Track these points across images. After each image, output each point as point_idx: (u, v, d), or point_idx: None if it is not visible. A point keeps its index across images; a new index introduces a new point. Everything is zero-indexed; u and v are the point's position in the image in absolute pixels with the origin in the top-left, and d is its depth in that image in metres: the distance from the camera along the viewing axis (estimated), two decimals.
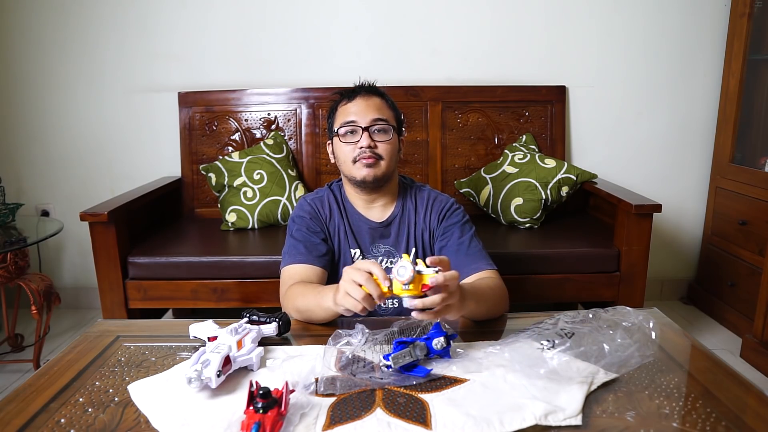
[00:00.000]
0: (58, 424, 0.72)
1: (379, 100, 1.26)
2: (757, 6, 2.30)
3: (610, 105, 2.56)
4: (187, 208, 2.50)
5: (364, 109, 1.23)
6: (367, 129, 1.21)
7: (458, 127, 2.46)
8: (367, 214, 1.29)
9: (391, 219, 1.29)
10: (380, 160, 1.21)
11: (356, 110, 1.23)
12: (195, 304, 1.98)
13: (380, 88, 1.31)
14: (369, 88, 1.29)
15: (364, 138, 1.21)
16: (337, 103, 1.29)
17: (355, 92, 1.27)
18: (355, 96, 1.26)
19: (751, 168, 2.33)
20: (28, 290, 1.97)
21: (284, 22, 2.48)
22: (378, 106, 1.25)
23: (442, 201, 1.30)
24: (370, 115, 1.22)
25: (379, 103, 1.26)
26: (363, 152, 1.20)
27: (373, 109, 1.23)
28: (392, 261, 1.27)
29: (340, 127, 1.24)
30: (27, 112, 2.54)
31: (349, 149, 1.22)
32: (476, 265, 1.19)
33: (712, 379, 0.83)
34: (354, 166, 1.22)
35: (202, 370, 0.76)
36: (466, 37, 2.50)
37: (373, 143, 1.21)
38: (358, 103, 1.24)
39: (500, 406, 0.74)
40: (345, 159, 1.23)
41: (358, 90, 1.28)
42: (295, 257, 1.21)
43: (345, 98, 1.27)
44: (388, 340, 0.91)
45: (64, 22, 2.46)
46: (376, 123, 1.22)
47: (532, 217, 2.21)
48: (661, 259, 2.67)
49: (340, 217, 1.28)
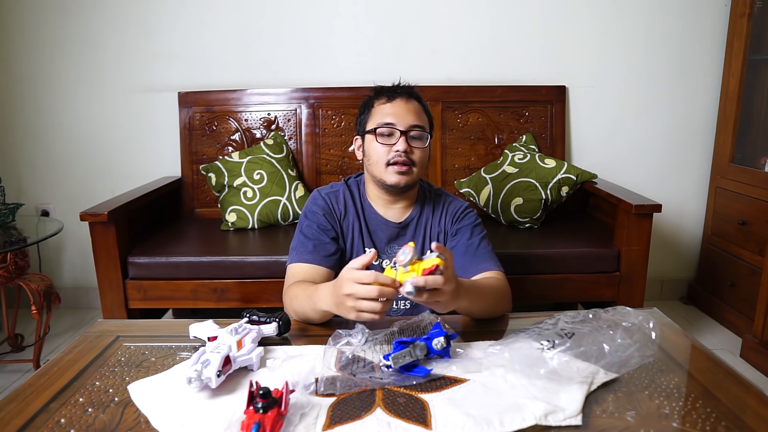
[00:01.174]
0: (58, 424, 0.72)
1: (418, 104, 1.25)
2: (757, 6, 2.30)
3: (610, 105, 2.56)
4: (187, 208, 2.50)
5: (404, 112, 1.21)
6: (406, 133, 1.20)
7: (458, 127, 2.46)
8: (386, 214, 1.28)
9: (408, 221, 1.28)
10: (413, 166, 1.20)
11: (396, 112, 1.21)
12: (195, 304, 1.98)
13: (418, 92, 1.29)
14: (409, 90, 1.27)
15: (401, 142, 1.19)
16: (373, 100, 1.26)
17: (395, 93, 1.24)
18: (396, 97, 1.23)
19: (751, 168, 2.33)
20: (28, 290, 1.97)
21: (284, 22, 2.48)
22: (417, 110, 1.23)
23: (457, 205, 1.31)
24: (409, 119, 1.20)
25: (418, 108, 1.24)
26: (398, 156, 1.18)
27: (413, 113, 1.21)
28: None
29: (378, 126, 1.21)
30: (27, 112, 2.54)
31: (383, 150, 1.20)
32: (483, 266, 1.19)
33: (712, 379, 0.83)
34: (386, 170, 1.20)
35: (202, 370, 0.76)
36: (466, 37, 2.50)
37: (410, 148, 1.20)
38: (398, 104, 1.22)
39: (500, 406, 0.74)
40: (378, 159, 1.21)
41: (398, 91, 1.25)
42: (302, 255, 1.20)
43: (384, 97, 1.25)
44: (388, 340, 0.91)
45: (64, 22, 2.46)
46: (414, 128, 1.20)
47: (532, 217, 2.21)
48: (661, 259, 2.67)
49: (356, 215, 1.27)
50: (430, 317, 0.94)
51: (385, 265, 1.26)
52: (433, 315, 0.95)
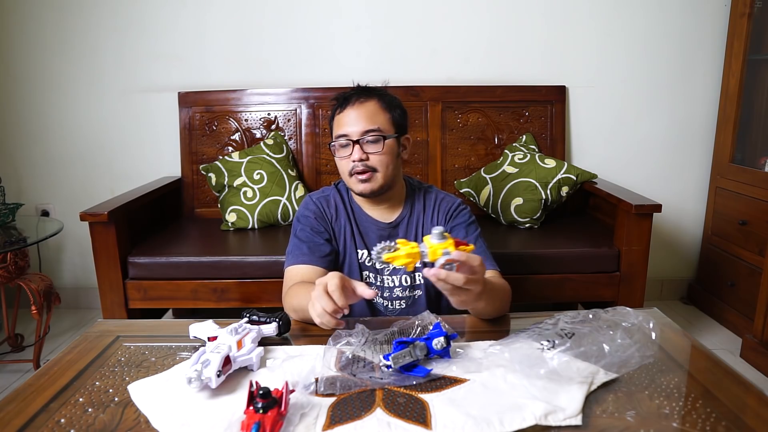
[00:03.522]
0: (58, 424, 0.72)
1: (374, 104, 1.21)
2: (757, 6, 2.30)
3: (610, 105, 2.56)
4: (187, 208, 2.50)
5: (355, 119, 1.19)
6: (358, 142, 1.19)
7: (458, 127, 2.46)
8: (375, 215, 1.28)
9: (399, 220, 1.28)
10: (375, 172, 1.19)
11: (348, 121, 1.20)
12: (195, 304, 1.98)
13: (377, 88, 1.26)
14: (362, 91, 1.23)
15: (356, 151, 1.18)
16: (334, 111, 1.26)
17: (347, 100, 1.22)
18: (347, 105, 1.21)
19: (751, 168, 2.33)
20: (28, 290, 1.97)
21: (284, 22, 2.48)
22: (370, 113, 1.20)
23: (449, 201, 1.30)
24: (360, 125, 1.18)
25: (373, 109, 1.20)
26: (356, 166, 1.18)
27: (364, 118, 1.19)
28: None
29: (333, 141, 1.22)
30: (27, 112, 2.54)
31: (344, 163, 1.21)
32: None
33: (712, 379, 0.83)
34: (351, 180, 1.21)
35: (202, 370, 0.76)
36: (466, 37, 2.50)
37: (366, 156, 1.18)
38: (348, 113, 1.20)
39: (500, 406, 0.74)
40: (342, 171, 1.23)
41: (350, 97, 1.22)
42: (298, 258, 1.20)
43: (338, 106, 1.24)
44: (388, 340, 0.91)
45: (64, 23, 2.46)
46: (366, 134, 1.19)
47: (532, 217, 2.21)
48: (661, 259, 2.67)
49: (347, 217, 1.27)
50: (430, 317, 0.94)
51: (378, 266, 1.26)
52: (433, 315, 0.95)
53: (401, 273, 1.27)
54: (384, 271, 1.27)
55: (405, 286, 1.28)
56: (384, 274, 1.27)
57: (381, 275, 1.27)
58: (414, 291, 1.29)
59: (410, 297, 1.29)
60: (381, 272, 1.27)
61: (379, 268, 1.27)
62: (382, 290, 1.28)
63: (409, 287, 1.28)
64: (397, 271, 1.27)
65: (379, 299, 1.28)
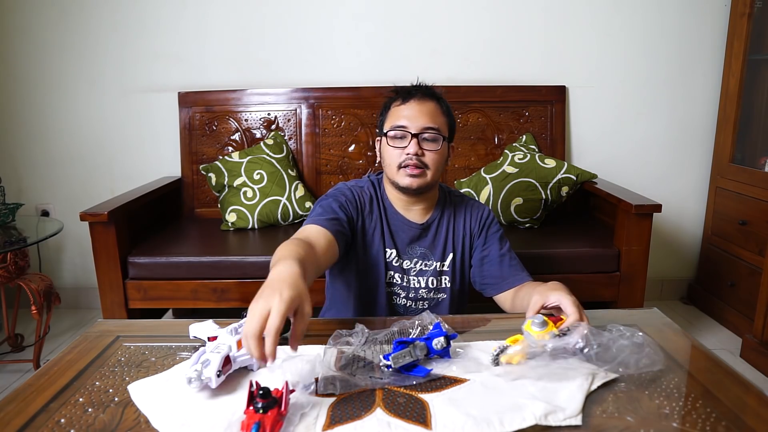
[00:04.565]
0: (58, 424, 0.72)
1: (434, 105, 1.22)
2: (757, 6, 2.30)
3: (609, 105, 2.56)
4: (187, 208, 2.50)
5: (417, 114, 1.19)
6: (417, 136, 1.18)
7: (458, 127, 2.46)
8: (407, 215, 1.27)
9: (430, 221, 1.28)
10: (426, 169, 1.19)
11: (408, 114, 1.19)
12: (195, 304, 1.98)
13: (438, 91, 1.26)
14: (426, 90, 1.24)
15: (413, 145, 1.17)
16: (391, 102, 1.25)
17: (411, 94, 1.22)
18: (410, 98, 1.21)
19: (751, 168, 2.33)
20: (28, 290, 1.97)
21: (284, 22, 2.48)
22: (432, 112, 1.20)
23: (481, 209, 1.31)
24: (422, 121, 1.18)
25: (434, 109, 1.21)
26: (410, 159, 1.18)
27: (426, 115, 1.19)
28: (427, 264, 1.27)
29: (390, 129, 1.20)
30: (27, 112, 2.54)
31: (396, 153, 1.19)
32: (519, 276, 1.23)
33: (712, 379, 0.83)
34: (398, 173, 1.20)
35: (202, 370, 0.76)
36: (466, 37, 2.50)
37: (421, 151, 1.18)
38: (411, 106, 1.20)
39: (500, 406, 0.74)
40: (390, 162, 1.21)
41: (413, 92, 1.23)
42: (314, 219, 1.16)
43: (399, 98, 1.23)
44: (388, 340, 0.91)
45: (64, 23, 2.46)
46: (426, 131, 1.19)
47: (532, 217, 2.21)
48: (661, 259, 2.67)
49: (379, 214, 1.26)
50: (430, 317, 0.94)
51: (405, 266, 1.27)
52: (433, 315, 0.95)
53: (428, 275, 1.27)
54: (411, 271, 1.27)
55: (431, 288, 1.28)
56: (411, 274, 1.27)
57: (407, 275, 1.27)
58: (438, 294, 1.29)
59: (434, 299, 1.29)
60: (408, 272, 1.27)
61: (406, 268, 1.27)
62: (407, 290, 1.28)
63: (434, 289, 1.28)
64: (424, 273, 1.27)
65: (402, 299, 1.28)
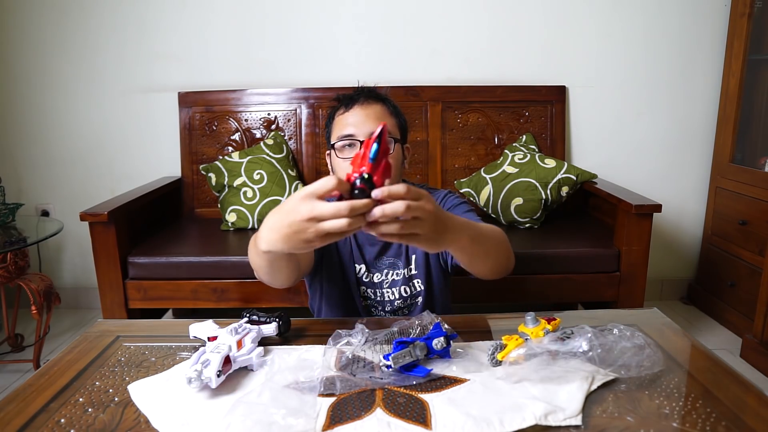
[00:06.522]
0: (58, 424, 0.72)
1: (380, 107, 1.16)
2: (757, 6, 2.30)
3: (609, 105, 2.56)
4: (187, 208, 2.50)
5: (363, 119, 1.12)
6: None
7: (458, 127, 2.46)
8: None
9: None
10: None
11: (354, 121, 1.13)
12: (195, 304, 1.98)
13: (382, 92, 1.20)
14: (368, 93, 1.17)
15: None
16: (335, 111, 1.19)
17: (353, 100, 1.16)
18: (353, 104, 1.15)
19: (751, 168, 2.33)
20: (28, 290, 1.97)
21: (284, 22, 2.48)
22: (378, 115, 1.14)
23: (436, 195, 1.25)
24: (369, 126, 1.11)
25: (380, 112, 1.15)
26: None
27: (373, 119, 1.12)
28: (397, 272, 1.24)
29: (338, 140, 1.13)
30: (27, 112, 2.54)
31: (346, 165, 1.09)
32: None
33: (712, 379, 0.83)
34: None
35: (202, 370, 0.76)
36: (466, 37, 2.50)
37: None
38: (356, 112, 1.14)
39: (500, 406, 0.74)
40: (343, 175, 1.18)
41: (355, 97, 1.16)
42: None
43: (342, 106, 1.17)
44: (388, 340, 0.91)
45: (64, 22, 2.46)
46: None
47: (532, 217, 2.21)
48: (661, 259, 2.67)
49: None
50: (430, 317, 0.94)
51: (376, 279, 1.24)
52: (433, 315, 0.95)
53: (399, 284, 1.25)
54: (383, 284, 1.24)
55: (404, 297, 1.25)
56: (383, 287, 1.24)
57: (380, 289, 1.24)
58: (415, 299, 1.26)
59: (412, 304, 1.26)
60: (379, 286, 1.24)
61: (377, 282, 1.24)
62: (383, 305, 1.25)
63: (408, 296, 1.25)
64: (396, 283, 1.25)
65: (381, 312, 1.26)
